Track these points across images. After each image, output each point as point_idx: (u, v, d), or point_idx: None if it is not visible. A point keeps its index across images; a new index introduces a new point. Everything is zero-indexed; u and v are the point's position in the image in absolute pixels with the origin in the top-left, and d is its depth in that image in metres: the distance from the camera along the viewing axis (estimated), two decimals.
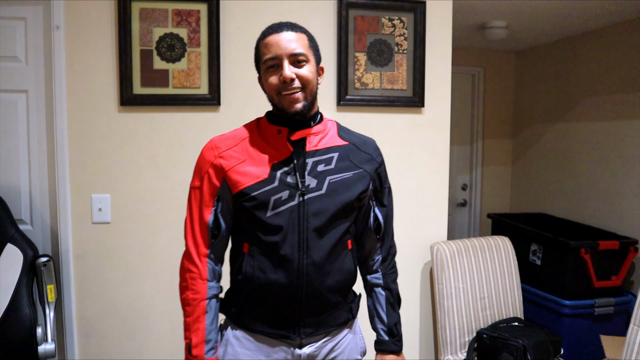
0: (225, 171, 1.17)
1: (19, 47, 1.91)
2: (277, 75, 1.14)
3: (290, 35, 1.14)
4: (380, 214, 1.30)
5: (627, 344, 1.64)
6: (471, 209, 3.95)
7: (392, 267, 1.35)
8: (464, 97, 3.84)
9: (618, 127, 2.91)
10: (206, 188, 1.18)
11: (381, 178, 1.29)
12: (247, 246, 1.19)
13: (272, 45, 1.13)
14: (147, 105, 1.98)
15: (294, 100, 1.14)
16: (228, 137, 1.22)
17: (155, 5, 1.96)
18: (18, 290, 1.74)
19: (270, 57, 1.14)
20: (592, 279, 2.56)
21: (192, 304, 1.17)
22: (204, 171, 1.19)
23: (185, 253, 1.20)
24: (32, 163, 1.94)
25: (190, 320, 1.16)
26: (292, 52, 1.13)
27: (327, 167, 1.19)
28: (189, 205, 1.21)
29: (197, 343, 1.15)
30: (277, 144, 1.18)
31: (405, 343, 2.29)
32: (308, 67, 1.15)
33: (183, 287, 1.20)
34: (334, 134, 1.25)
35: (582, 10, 2.64)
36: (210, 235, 1.19)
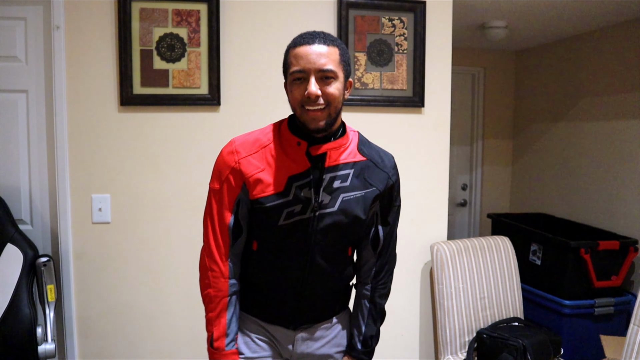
0: (245, 177, 1.18)
1: (19, 47, 1.91)
2: (302, 89, 1.11)
3: (321, 49, 1.10)
4: (381, 232, 1.30)
5: (627, 344, 1.64)
6: (471, 209, 3.95)
7: (384, 283, 1.34)
8: (464, 97, 3.85)
9: (618, 127, 2.91)
10: (226, 192, 1.20)
11: (392, 196, 1.28)
12: (256, 244, 1.24)
13: (301, 57, 1.10)
14: (147, 105, 1.98)
15: (317, 117, 1.12)
16: (249, 142, 1.21)
17: (155, 5, 1.96)
18: (18, 290, 1.74)
19: (297, 69, 1.11)
20: (592, 279, 2.56)
21: (214, 300, 1.22)
22: (224, 175, 1.20)
23: (207, 252, 1.24)
24: (32, 163, 1.94)
25: (212, 316, 1.22)
26: (321, 68, 1.10)
27: (343, 184, 1.19)
28: (210, 206, 1.23)
29: (218, 336, 1.21)
30: (295, 157, 1.18)
31: (406, 343, 2.30)
32: (335, 84, 1.12)
33: (205, 284, 1.24)
34: (354, 147, 1.23)
35: (582, 10, 2.64)
36: (231, 237, 1.22)
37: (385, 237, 1.30)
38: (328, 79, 1.11)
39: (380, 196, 1.24)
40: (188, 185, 2.02)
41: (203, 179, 2.05)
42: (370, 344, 1.34)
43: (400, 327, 2.27)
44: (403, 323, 2.28)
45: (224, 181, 1.20)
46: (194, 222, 2.03)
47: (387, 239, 1.31)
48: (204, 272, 1.26)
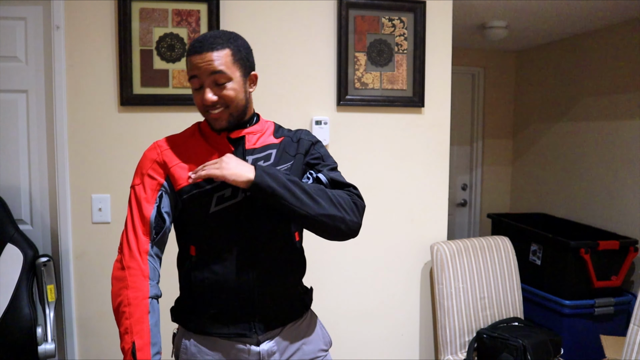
0: (168, 167, 1.17)
1: (19, 47, 1.91)
2: (200, 96, 1.14)
3: (209, 57, 1.11)
4: (321, 175, 1.20)
5: (627, 344, 1.64)
6: (471, 209, 3.95)
7: (343, 191, 1.18)
8: (464, 97, 3.85)
9: (618, 127, 2.91)
10: (148, 184, 1.16)
11: (319, 153, 1.25)
12: (193, 248, 1.18)
13: (193, 66, 1.13)
14: (147, 105, 1.98)
15: (218, 118, 1.15)
16: (170, 138, 1.23)
17: (155, 5, 1.96)
18: (18, 290, 1.74)
19: (191, 75, 1.14)
20: (592, 279, 2.56)
21: (133, 302, 1.08)
22: (146, 169, 1.18)
23: (123, 253, 1.13)
24: (32, 163, 1.94)
25: (131, 322, 1.06)
26: (212, 71, 1.11)
27: (267, 162, 1.19)
28: (129, 204, 1.17)
29: (142, 346, 1.05)
30: (218, 145, 1.19)
31: (406, 343, 2.30)
32: (230, 85, 1.13)
33: (119, 289, 1.10)
34: (270, 134, 1.26)
35: (582, 10, 2.64)
36: (152, 231, 1.14)
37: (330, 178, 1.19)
38: (221, 82, 1.13)
39: (304, 158, 1.23)
40: None
41: None
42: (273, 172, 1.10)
43: (400, 327, 2.27)
44: (403, 323, 2.28)
45: (144, 175, 1.17)
46: None
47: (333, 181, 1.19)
48: (117, 276, 1.12)
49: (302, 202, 1.09)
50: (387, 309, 2.26)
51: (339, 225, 1.12)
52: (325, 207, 1.10)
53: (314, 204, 1.09)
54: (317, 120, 2.11)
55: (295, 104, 2.12)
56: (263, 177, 1.08)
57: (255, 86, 1.24)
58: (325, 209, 1.10)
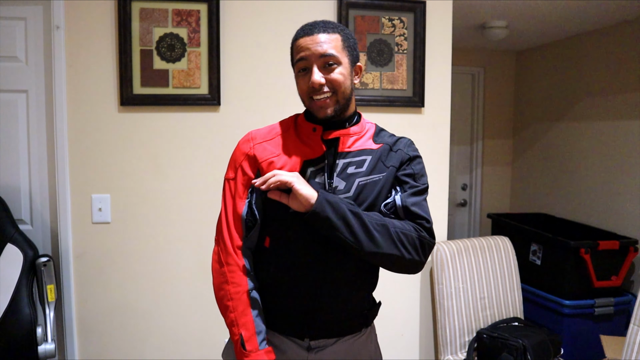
0: (259, 162, 1.15)
1: (19, 47, 1.91)
2: (306, 80, 1.12)
3: (321, 37, 1.11)
4: (398, 200, 1.14)
5: (627, 344, 1.64)
6: (471, 209, 3.95)
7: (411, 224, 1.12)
8: (464, 97, 3.85)
9: (618, 127, 2.91)
10: (240, 179, 1.16)
11: (411, 169, 1.19)
12: (268, 240, 1.17)
13: (302, 47, 1.12)
14: (147, 105, 1.98)
15: (324, 105, 1.12)
16: (265, 131, 1.21)
17: (155, 5, 1.96)
18: (18, 290, 1.74)
19: (299, 58, 1.12)
20: (592, 279, 2.56)
21: (235, 297, 1.12)
22: (239, 162, 1.17)
23: (221, 246, 1.16)
24: (32, 163, 1.94)
25: (236, 315, 1.11)
26: (322, 54, 1.10)
27: (358, 169, 1.15)
28: (223, 197, 1.18)
29: (248, 337, 1.10)
30: (311, 142, 1.16)
31: (406, 343, 2.30)
32: (339, 69, 1.11)
33: (221, 283, 1.14)
34: (370, 137, 1.21)
35: (582, 10, 2.64)
36: (244, 228, 1.15)
37: (404, 205, 1.12)
38: (331, 65, 1.11)
39: (397, 171, 1.17)
40: (188, 185, 2.02)
41: (203, 179, 2.05)
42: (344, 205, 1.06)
43: (400, 327, 2.27)
44: (403, 323, 2.28)
45: (237, 168, 1.16)
46: (194, 222, 2.03)
47: (406, 209, 1.13)
48: (218, 270, 1.16)
49: (357, 237, 1.04)
50: (387, 309, 2.25)
51: (395, 263, 1.09)
52: (382, 246, 1.05)
53: (370, 242, 1.05)
54: None
55: (295, 104, 2.11)
56: (323, 206, 1.04)
57: (360, 79, 1.20)
58: (382, 247, 1.05)
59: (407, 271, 1.14)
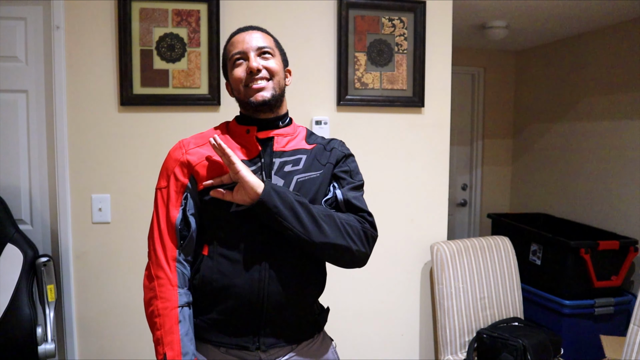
0: (192, 167, 1.13)
1: (19, 47, 1.91)
2: (243, 68, 1.14)
3: (257, 34, 1.17)
4: (339, 194, 1.15)
5: (627, 344, 1.64)
6: (471, 209, 3.95)
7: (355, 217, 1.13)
8: (464, 97, 3.84)
9: (618, 127, 2.91)
10: (173, 186, 1.13)
11: (347, 166, 1.21)
12: (207, 247, 1.12)
13: (238, 42, 1.15)
14: (147, 105, 1.98)
15: (261, 88, 1.13)
16: (196, 137, 1.20)
17: (155, 5, 1.96)
18: (18, 290, 1.74)
19: (236, 52, 1.15)
20: (592, 279, 2.56)
21: (163, 313, 1.06)
22: (171, 170, 1.14)
23: (151, 261, 1.12)
24: (32, 163, 1.94)
25: (162, 333, 1.05)
26: (258, 46, 1.15)
27: (295, 167, 1.15)
28: (155, 207, 1.14)
29: (172, 357, 1.03)
30: (245, 143, 1.16)
31: (406, 343, 2.30)
32: (274, 60, 1.16)
33: (150, 299, 1.09)
34: (302, 139, 1.22)
35: (582, 10, 2.64)
36: (178, 237, 1.11)
37: (346, 199, 1.14)
38: (266, 54, 1.15)
39: (334, 168, 1.20)
40: None
41: None
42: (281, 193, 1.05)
43: (400, 327, 2.27)
44: (403, 323, 2.28)
45: (170, 176, 1.13)
46: None
47: (348, 202, 1.14)
48: (147, 285, 1.11)
49: (306, 227, 1.04)
50: (387, 309, 2.26)
51: (343, 255, 1.09)
52: (330, 236, 1.05)
53: (319, 231, 1.04)
54: (317, 120, 2.11)
55: (295, 103, 2.11)
56: (271, 194, 1.03)
57: (289, 82, 1.23)
58: (330, 237, 1.05)
59: (353, 264, 1.12)
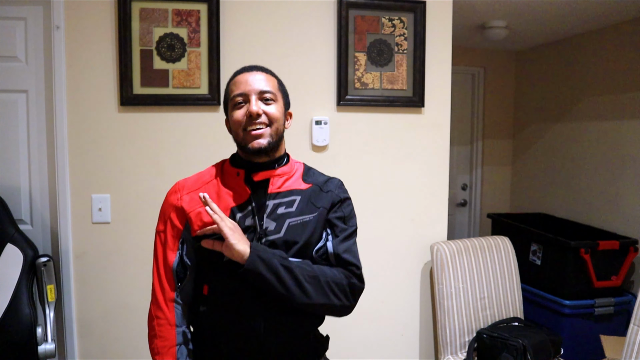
0: (187, 213, 1.15)
1: (19, 47, 1.91)
2: (243, 111, 1.14)
3: (260, 76, 1.16)
4: (330, 246, 1.17)
5: (627, 344, 1.64)
6: (471, 209, 3.95)
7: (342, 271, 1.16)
8: (464, 97, 3.84)
9: (618, 127, 2.91)
10: (169, 231, 1.17)
11: (342, 212, 1.21)
12: (206, 288, 1.16)
13: (241, 82, 1.15)
14: (147, 105, 1.98)
15: (259, 135, 1.13)
16: (191, 180, 1.21)
17: (155, 5, 1.96)
18: (18, 290, 1.74)
19: (238, 93, 1.14)
20: (592, 279, 2.56)
21: (162, 351, 1.12)
22: (167, 215, 1.17)
23: (153, 299, 1.17)
24: (32, 163, 1.94)
25: None
26: (260, 90, 1.14)
27: (288, 209, 1.16)
28: (155, 250, 1.19)
29: None
30: (236, 187, 1.17)
31: (406, 343, 2.30)
32: (275, 106, 1.16)
33: (151, 336, 1.16)
34: (299, 177, 1.22)
35: (582, 10, 2.64)
36: (176, 279, 1.15)
37: (336, 253, 1.16)
38: (268, 100, 1.15)
39: (328, 213, 1.19)
40: None
41: None
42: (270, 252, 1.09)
43: (400, 327, 2.27)
44: (403, 323, 2.28)
45: (167, 221, 1.17)
46: None
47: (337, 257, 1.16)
48: (149, 323, 1.17)
49: (289, 290, 1.08)
50: (387, 309, 2.26)
51: (326, 311, 1.16)
52: (313, 297, 1.09)
53: (302, 293, 1.08)
54: (317, 120, 2.11)
55: (295, 104, 2.11)
56: (255, 263, 1.06)
57: (289, 125, 1.24)
58: (312, 298, 1.09)
59: (337, 315, 1.18)
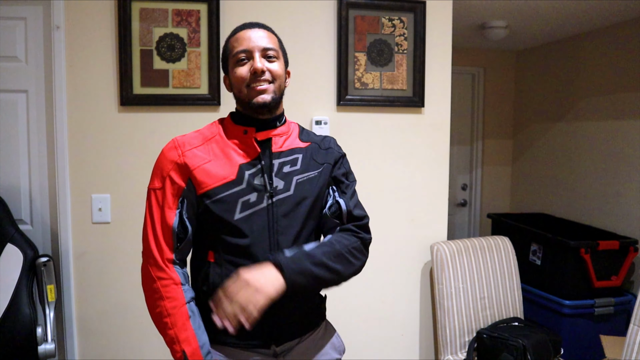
0: (190, 170, 1.10)
1: (19, 47, 1.91)
2: (246, 67, 1.13)
3: (262, 32, 1.15)
4: (343, 204, 1.19)
5: (627, 344, 1.64)
6: (471, 209, 3.95)
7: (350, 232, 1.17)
8: (464, 97, 3.84)
9: (618, 127, 2.91)
10: (169, 189, 1.11)
11: (344, 169, 1.26)
12: (212, 254, 1.12)
13: (244, 39, 1.14)
14: (147, 105, 1.98)
15: (263, 91, 1.12)
16: (192, 137, 1.17)
17: (155, 5, 1.96)
18: (18, 290, 1.74)
19: (241, 49, 1.13)
20: (592, 279, 2.56)
21: (172, 312, 1.07)
22: (166, 171, 1.11)
23: (149, 263, 1.12)
24: (32, 163, 1.94)
25: (175, 331, 1.06)
26: (264, 47, 1.13)
27: (293, 167, 1.17)
28: (149, 208, 1.13)
29: (192, 352, 1.05)
30: (243, 145, 1.15)
31: (406, 343, 2.30)
32: (278, 63, 1.16)
33: (155, 300, 1.09)
34: (296, 135, 1.24)
35: (582, 10, 2.64)
36: (175, 240, 1.10)
37: (349, 210, 1.19)
38: (271, 58, 1.14)
39: (332, 170, 1.23)
40: None
41: None
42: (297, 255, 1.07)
43: (400, 327, 2.27)
44: (403, 323, 2.28)
45: (165, 177, 1.11)
46: None
47: (350, 214, 1.19)
48: (149, 285, 1.11)
49: (327, 282, 1.10)
50: (387, 309, 2.26)
51: (355, 274, 1.17)
52: (343, 273, 1.12)
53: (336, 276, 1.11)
54: (317, 120, 2.11)
55: (295, 103, 2.12)
56: (293, 280, 1.02)
57: (288, 83, 1.24)
58: (343, 274, 1.12)
59: (359, 273, 1.20)
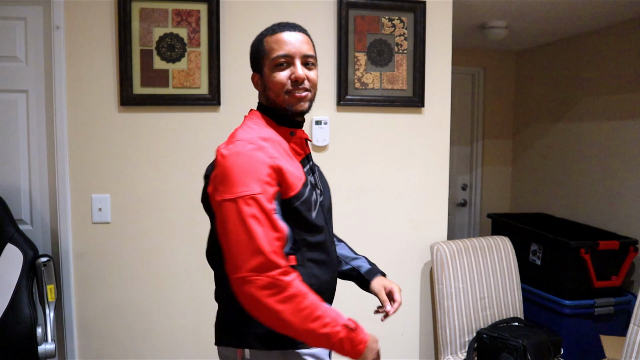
0: (283, 173, 1.04)
1: (19, 47, 1.91)
2: (287, 74, 1.11)
3: (302, 37, 1.14)
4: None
5: (627, 344, 1.64)
6: (471, 209, 3.95)
7: None
8: (464, 97, 3.84)
9: (618, 127, 2.91)
10: (269, 193, 1.01)
11: None
12: (293, 258, 1.08)
13: (285, 42, 1.11)
14: (147, 105, 1.98)
15: (303, 99, 1.13)
16: (261, 138, 1.07)
17: (155, 5, 1.96)
18: (18, 290, 1.74)
19: (282, 54, 1.11)
20: (592, 279, 2.56)
21: (308, 297, 0.98)
22: (263, 174, 1.00)
23: (272, 273, 0.96)
24: (32, 163, 1.94)
25: (325, 312, 0.99)
26: (305, 54, 1.13)
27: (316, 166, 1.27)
28: (253, 218, 0.97)
29: (354, 321, 1.06)
30: (295, 145, 1.17)
31: (406, 343, 2.30)
32: (315, 71, 1.16)
33: (297, 303, 0.97)
34: None
35: (582, 10, 2.64)
36: (288, 249, 1.05)
37: None
38: (309, 65, 1.14)
39: None
40: (188, 185, 2.02)
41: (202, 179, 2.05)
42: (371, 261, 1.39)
43: (400, 327, 2.27)
44: (403, 323, 2.28)
45: (263, 182, 1.00)
46: (194, 222, 2.03)
47: None
48: (285, 298, 0.96)
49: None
50: None
51: None
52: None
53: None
54: (317, 120, 2.11)
55: None
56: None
57: None
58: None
59: None
